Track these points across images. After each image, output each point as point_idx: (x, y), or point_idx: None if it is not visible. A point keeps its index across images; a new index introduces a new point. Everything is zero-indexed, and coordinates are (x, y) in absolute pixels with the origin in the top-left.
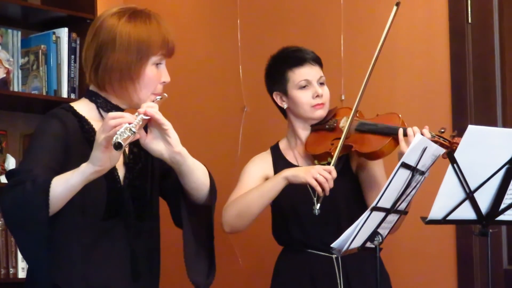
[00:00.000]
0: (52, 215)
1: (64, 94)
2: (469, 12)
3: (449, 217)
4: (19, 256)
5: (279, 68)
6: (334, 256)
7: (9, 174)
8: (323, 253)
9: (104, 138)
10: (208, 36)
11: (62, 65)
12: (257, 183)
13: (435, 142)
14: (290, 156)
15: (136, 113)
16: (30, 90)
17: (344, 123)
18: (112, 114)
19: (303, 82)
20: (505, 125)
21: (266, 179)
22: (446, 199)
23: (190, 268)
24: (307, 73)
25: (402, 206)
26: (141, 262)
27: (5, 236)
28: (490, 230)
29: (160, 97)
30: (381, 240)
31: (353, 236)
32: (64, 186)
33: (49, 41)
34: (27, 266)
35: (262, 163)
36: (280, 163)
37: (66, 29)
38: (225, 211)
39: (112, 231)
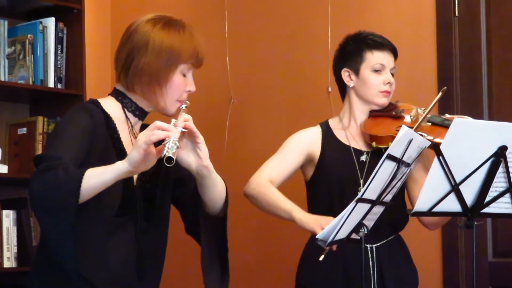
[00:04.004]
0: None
1: (51, 84)
2: (456, 5)
3: (435, 209)
4: (5, 245)
5: (357, 46)
6: (368, 246)
7: (37, 158)
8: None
9: (144, 142)
10: (196, 28)
11: (49, 55)
12: (297, 157)
13: None
14: (341, 136)
15: (172, 123)
16: (17, 80)
17: (415, 114)
18: (159, 123)
19: (378, 66)
20: (491, 118)
21: (309, 155)
22: (432, 191)
23: (206, 275)
24: (385, 58)
25: (388, 198)
26: (146, 261)
27: None
28: (475, 223)
29: (185, 105)
30: (366, 232)
31: (339, 227)
32: (96, 179)
33: (36, 31)
34: (40, 256)
35: (309, 138)
36: (330, 141)
37: (53, 19)
38: (252, 184)
39: (123, 228)
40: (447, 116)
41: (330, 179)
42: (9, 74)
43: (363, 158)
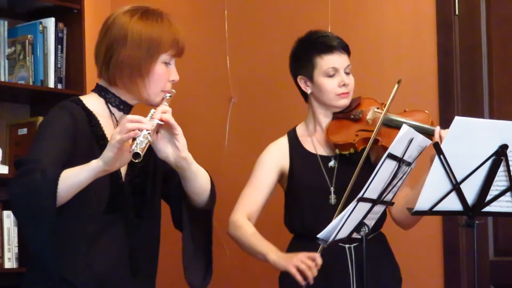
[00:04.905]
0: (58, 206)
1: (51, 84)
2: (457, 4)
3: (436, 208)
4: (6, 246)
5: (307, 52)
6: (346, 246)
7: (18, 163)
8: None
9: (117, 141)
10: (196, 27)
11: (49, 55)
12: (270, 178)
13: None
14: (308, 144)
15: (150, 115)
16: (17, 80)
17: (372, 116)
18: (130, 117)
19: (330, 70)
20: (492, 117)
21: (281, 170)
22: (433, 190)
23: (187, 269)
24: (336, 61)
25: (388, 197)
26: (139, 258)
27: None
28: (476, 222)
29: (169, 94)
30: (367, 231)
31: (340, 226)
32: (72, 180)
33: (36, 31)
34: (32, 258)
35: (277, 153)
36: (297, 152)
37: (53, 19)
38: (231, 226)
39: (113, 226)
40: (406, 110)
41: (301, 189)
42: (9, 74)
43: (331, 164)
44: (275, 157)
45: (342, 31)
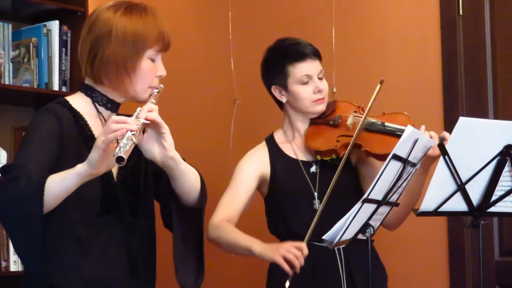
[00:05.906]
0: (47, 212)
1: (55, 87)
2: (461, 4)
3: (441, 209)
4: (11, 249)
5: (278, 62)
6: (336, 247)
7: (3, 169)
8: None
9: (102, 141)
10: (200, 29)
11: (53, 58)
12: (251, 184)
13: None
14: (288, 150)
15: (136, 114)
16: (21, 83)
17: (352, 121)
18: (115, 118)
19: (304, 78)
20: (496, 117)
21: (261, 177)
22: (438, 190)
23: (179, 270)
24: (308, 68)
25: (394, 198)
26: (137, 258)
27: None
28: (482, 222)
29: (157, 90)
30: (372, 232)
31: (345, 228)
32: (58, 185)
33: (40, 34)
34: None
35: (257, 160)
36: (278, 158)
37: (57, 22)
38: (210, 229)
39: (108, 227)
40: (385, 113)
41: (284, 196)
42: (13, 77)
43: (313, 169)
44: (255, 164)
45: (346, 33)
